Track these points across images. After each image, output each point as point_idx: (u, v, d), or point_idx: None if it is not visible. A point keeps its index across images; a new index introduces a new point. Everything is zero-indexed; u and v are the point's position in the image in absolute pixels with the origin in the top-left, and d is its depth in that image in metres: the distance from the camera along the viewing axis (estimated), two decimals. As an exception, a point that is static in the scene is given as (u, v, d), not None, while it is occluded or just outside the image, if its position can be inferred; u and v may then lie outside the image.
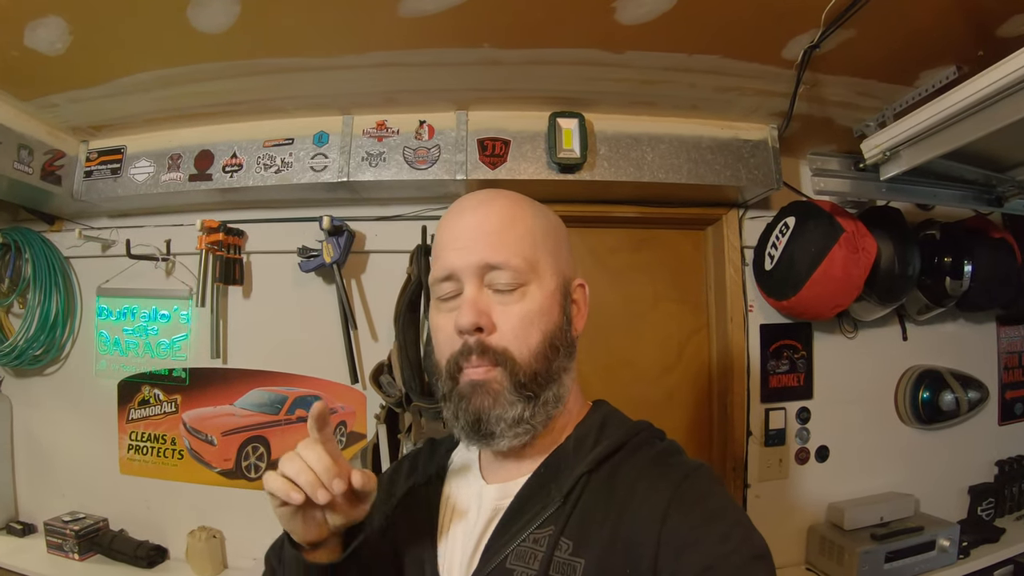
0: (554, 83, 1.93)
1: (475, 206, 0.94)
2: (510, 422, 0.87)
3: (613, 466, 0.88)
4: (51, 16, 1.57)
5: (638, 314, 2.44)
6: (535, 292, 0.90)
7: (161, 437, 2.45)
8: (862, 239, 2.01)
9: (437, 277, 0.93)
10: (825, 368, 2.38)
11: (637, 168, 2.07)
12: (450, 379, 0.90)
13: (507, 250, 0.89)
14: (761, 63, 1.76)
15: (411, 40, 1.69)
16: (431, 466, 1.07)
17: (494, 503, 0.91)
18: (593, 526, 0.82)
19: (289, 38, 1.70)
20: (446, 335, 0.91)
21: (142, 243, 2.43)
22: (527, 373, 0.88)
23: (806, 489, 2.34)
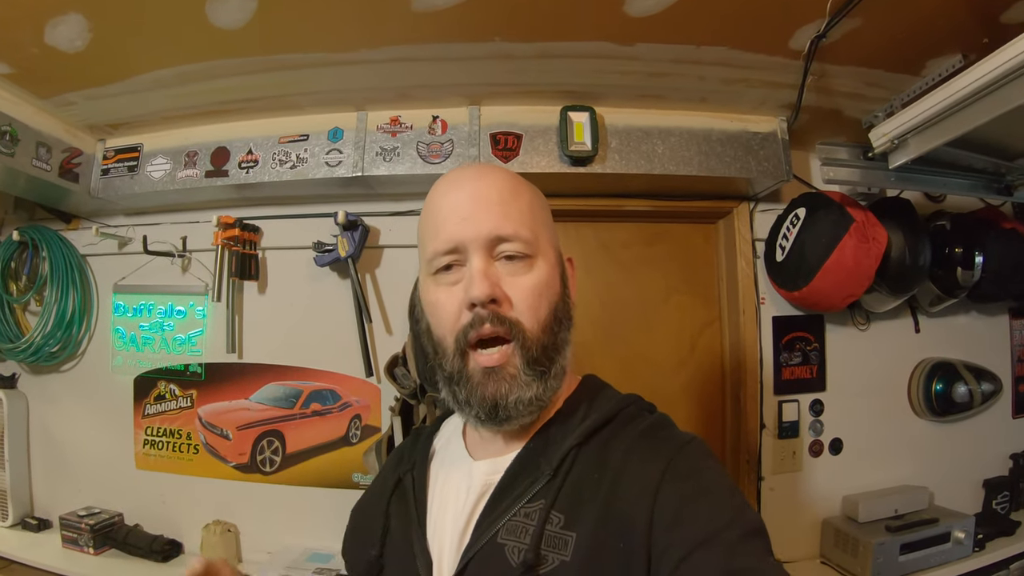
0: (565, 77, 1.98)
1: (474, 176, 0.94)
2: (527, 403, 0.88)
3: (603, 439, 0.89)
4: (72, 13, 1.62)
5: (651, 307, 2.47)
6: (541, 264, 0.91)
7: (177, 432, 2.49)
8: (872, 229, 2.03)
9: (438, 250, 0.90)
10: (838, 360, 2.40)
11: (648, 161, 2.11)
12: (459, 356, 0.90)
13: (515, 221, 0.90)
14: (768, 54, 1.80)
15: (424, 34, 1.74)
16: (415, 453, 1.08)
17: (484, 479, 0.92)
18: (584, 500, 0.82)
19: (304, 34, 1.74)
20: (449, 310, 0.90)
21: (158, 240, 2.48)
22: (538, 346, 0.88)
23: (820, 482, 2.35)
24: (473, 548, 0.86)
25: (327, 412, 2.37)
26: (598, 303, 2.45)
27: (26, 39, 1.72)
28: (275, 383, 2.40)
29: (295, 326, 2.42)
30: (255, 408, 2.41)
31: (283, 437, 2.39)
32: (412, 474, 1.02)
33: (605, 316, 2.45)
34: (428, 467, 1.04)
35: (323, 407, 2.37)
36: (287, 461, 2.38)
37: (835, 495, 2.34)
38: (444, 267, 0.91)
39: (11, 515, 2.58)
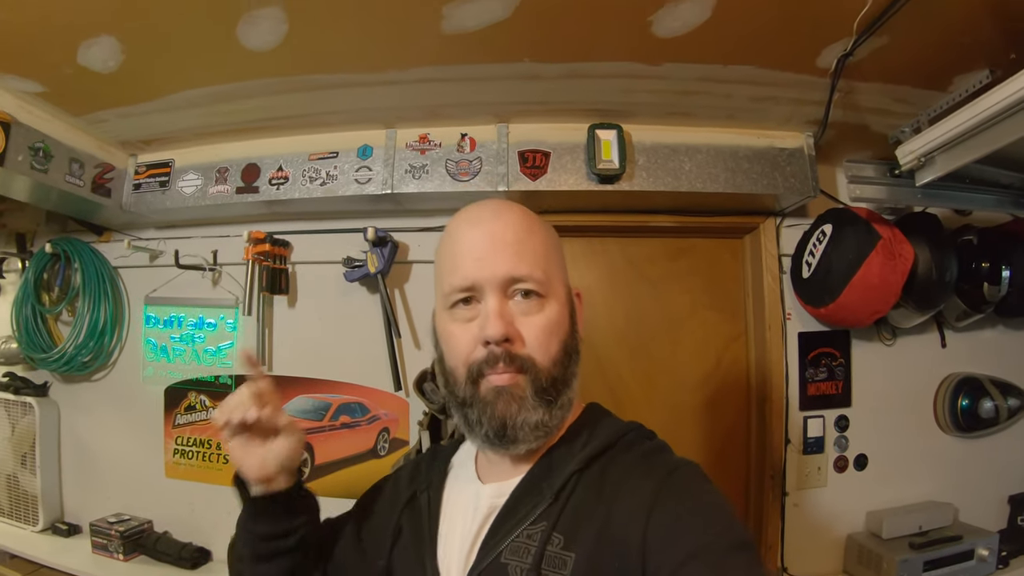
0: (592, 95, 2.01)
1: (491, 216, 0.98)
2: (532, 426, 0.92)
3: (603, 464, 0.93)
4: (104, 36, 1.68)
5: (677, 322, 2.49)
6: (552, 303, 0.96)
7: (206, 442, 2.55)
8: (899, 245, 2.04)
9: (455, 287, 0.95)
10: (864, 376, 2.40)
11: (675, 178, 2.14)
12: (471, 384, 0.94)
13: (528, 262, 0.94)
14: (795, 72, 1.82)
15: (453, 56, 1.78)
16: (432, 472, 1.12)
17: (490, 501, 0.97)
18: (583, 521, 0.86)
19: (334, 55, 1.80)
20: (464, 343, 0.95)
21: (189, 253, 2.54)
22: (548, 379, 0.93)
23: (844, 497, 2.36)
24: (478, 567, 0.90)
25: (356, 425, 2.41)
26: (624, 318, 2.48)
27: (59, 60, 1.77)
28: (304, 396, 2.44)
29: (324, 340, 2.46)
30: None
31: (312, 449, 2.43)
32: (428, 493, 1.07)
33: (631, 331, 2.48)
34: (443, 487, 1.08)
35: (352, 420, 2.41)
36: (315, 472, 2.42)
37: (859, 511, 2.35)
38: (460, 301, 0.96)
39: (42, 520, 2.65)
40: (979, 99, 1.53)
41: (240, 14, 1.59)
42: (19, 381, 2.75)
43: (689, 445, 2.42)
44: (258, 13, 1.59)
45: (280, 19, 1.61)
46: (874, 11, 1.50)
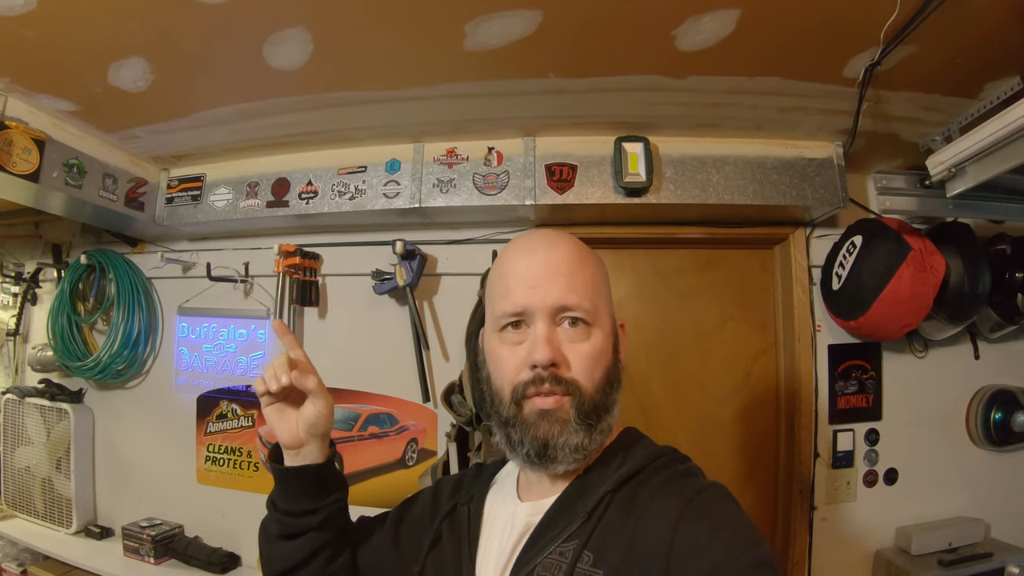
0: (618, 109, 2.03)
1: (546, 246, 1.02)
2: (573, 448, 0.95)
3: (634, 486, 0.95)
4: (133, 57, 1.73)
5: (706, 334, 2.49)
6: (598, 333, 0.99)
7: (238, 450, 2.61)
8: (930, 257, 2.02)
9: (507, 311, 0.99)
10: (895, 389, 2.38)
11: (703, 190, 2.14)
12: (515, 404, 0.98)
13: (579, 292, 0.98)
14: (823, 83, 1.82)
15: (478, 72, 1.81)
16: (475, 487, 1.15)
17: (526, 519, 1.00)
18: (612, 540, 0.89)
19: (359, 73, 1.83)
20: (511, 365, 0.98)
21: (221, 265, 2.61)
22: (590, 404, 0.96)
23: (874, 512, 2.34)
24: None
25: (384, 435, 2.44)
26: (653, 330, 2.49)
27: (90, 80, 1.84)
28: (335, 406, 2.44)
29: (354, 351, 2.50)
30: None
31: (341, 459, 2.45)
32: (469, 507, 1.10)
33: (660, 343, 2.48)
34: (484, 502, 1.11)
35: (380, 430, 2.45)
36: None
37: (888, 526, 2.32)
38: (510, 324, 1.00)
39: (75, 523, 2.74)
40: (1011, 108, 1.52)
41: (266, 36, 1.63)
42: (55, 388, 2.84)
43: (718, 458, 2.43)
44: (283, 34, 1.63)
45: (305, 40, 1.65)
46: (901, 20, 1.48)
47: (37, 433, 2.83)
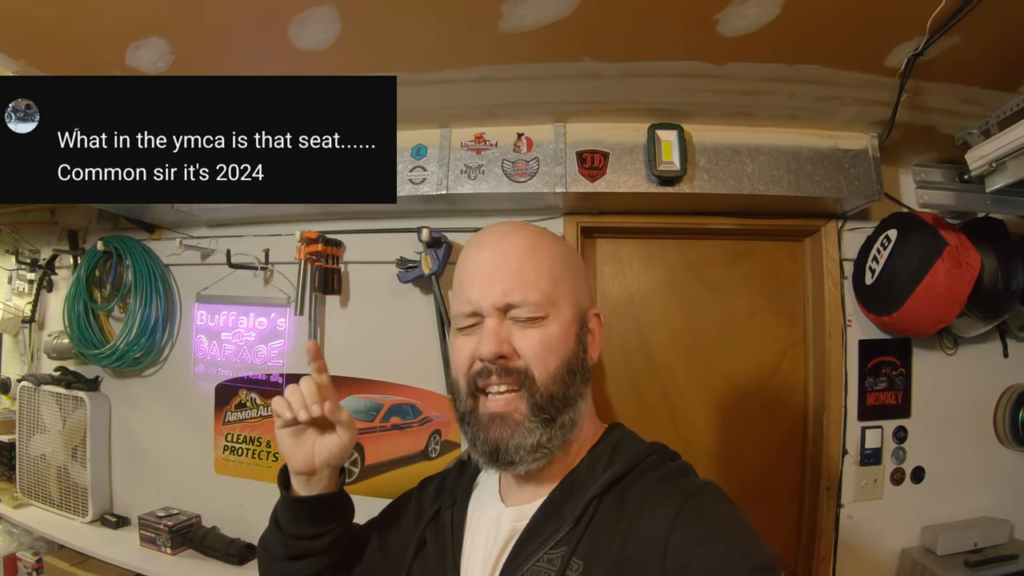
0: (653, 95, 1.98)
1: (494, 242, 1.02)
2: (529, 449, 0.94)
3: (623, 488, 0.94)
4: (153, 37, 1.67)
5: (734, 327, 2.46)
6: (552, 322, 0.97)
7: (256, 440, 2.58)
8: (965, 253, 1.99)
9: (461, 312, 0.99)
10: (924, 386, 2.35)
11: (737, 180, 2.10)
12: (471, 397, 0.98)
13: (525, 287, 0.96)
14: (863, 72, 1.78)
15: (511, 55, 1.75)
16: (458, 489, 1.13)
17: (511, 525, 0.98)
18: (602, 546, 0.87)
19: (391, 54, 1.76)
20: (465, 356, 0.98)
21: (241, 252, 2.57)
22: (544, 395, 0.94)
23: (900, 511, 2.31)
24: None
25: (407, 426, 2.41)
26: (681, 321, 2.46)
27: (108, 61, 1.77)
28: (356, 396, 2.45)
29: (377, 340, 2.46)
30: None
31: (362, 449, 2.44)
32: (452, 510, 1.09)
33: (688, 335, 2.45)
34: (467, 504, 1.09)
35: (403, 421, 2.41)
36: (365, 472, 2.43)
37: (915, 525, 2.30)
38: (469, 324, 0.99)
39: (91, 511, 2.72)
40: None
41: (293, 14, 1.59)
42: (71, 375, 2.82)
43: (744, 452, 2.40)
44: (310, 13, 1.58)
45: (333, 19, 1.60)
46: (949, 8, 1.44)
47: (53, 421, 2.80)
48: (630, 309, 2.48)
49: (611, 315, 2.47)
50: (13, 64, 1.80)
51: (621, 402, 2.42)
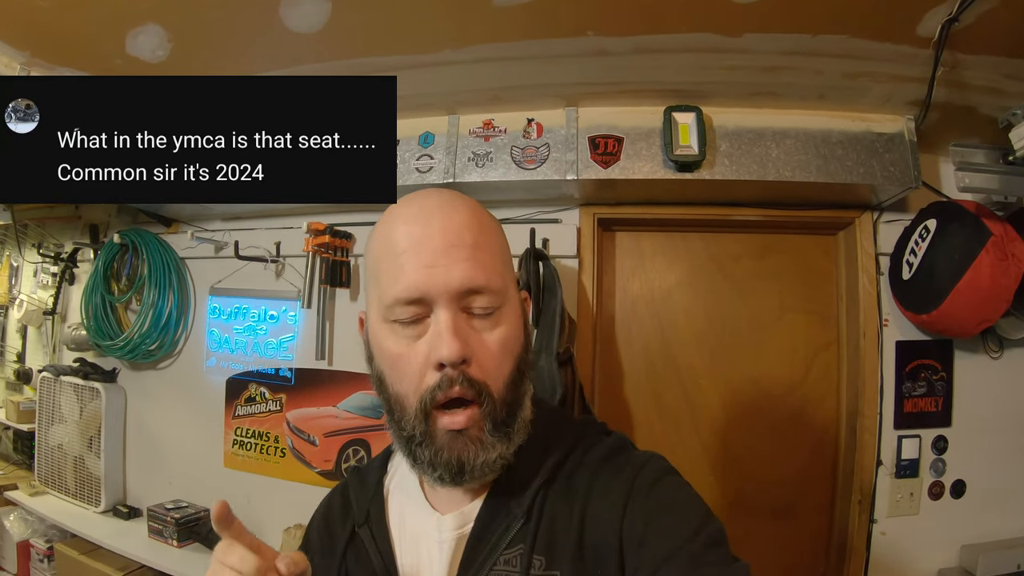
0: (667, 74, 1.84)
1: (443, 212, 0.83)
2: (491, 463, 0.81)
3: (568, 472, 0.87)
4: (150, 24, 1.64)
5: (762, 326, 2.28)
6: (508, 314, 0.84)
7: (265, 434, 2.52)
8: (1012, 244, 1.79)
9: (400, 299, 0.79)
10: (966, 392, 2.13)
11: (761, 166, 1.94)
12: (423, 419, 0.80)
13: (487, 268, 0.81)
14: (894, 43, 1.59)
15: (509, 32, 1.65)
16: (364, 501, 0.98)
17: (455, 533, 0.86)
18: (559, 536, 0.81)
19: (382, 35, 1.69)
20: (415, 366, 0.80)
21: (252, 245, 2.52)
22: (503, 407, 0.82)
23: (938, 528, 2.10)
24: None
25: None
26: (704, 320, 2.29)
27: (109, 50, 1.74)
28: (364, 392, 2.37)
29: None
30: (343, 416, 2.39)
31: (369, 447, 2.35)
32: (370, 528, 0.93)
33: (712, 335, 2.28)
34: (386, 521, 0.94)
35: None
36: None
37: (953, 544, 2.09)
38: (410, 316, 0.80)
39: (103, 502, 2.72)
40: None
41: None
42: (88, 367, 2.82)
43: (770, 461, 2.21)
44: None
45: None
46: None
47: (71, 411, 2.81)
48: (651, 306, 2.32)
49: (631, 312, 2.33)
50: (20, 55, 1.81)
51: (640, 404, 2.26)
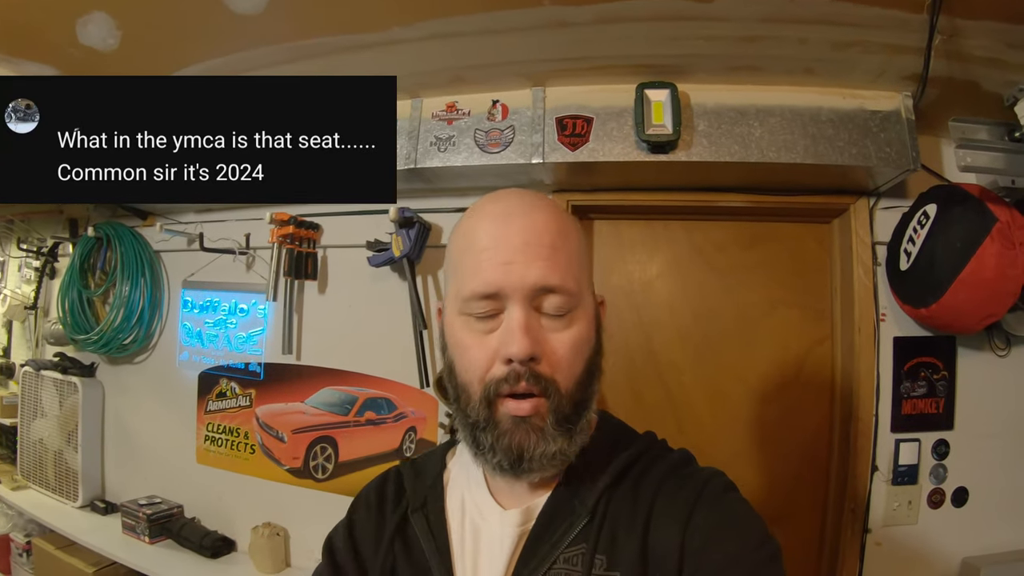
0: (637, 47, 1.67)
1: (523, 211, 0.83)
2: (550, 457, 0.80)
3: (633, 478, 0.86)
4: (96, 12, 1.58)
5: (750, 322, 2.10)
6: (581, 317, 0.83)
7: (235, 430, 2.44)
8: (1019, 231, 1.60)
9: (476, 293, 0.80)
10: (970, 393, 1.94)
11: (743, 146, 1.76)
12: (486, 406, 0.81)
13: (563, 269, 0.80)
14: (883, 6, 1.41)
15: (456, 4, 1.52)
16: (422, 489, 0.94)
17: (517, 528, 0.84)
18: (621, 538, 0.80)
19: (328, 13, 1.59)
20: (483, 358, 0.80)
21: (224, 237, 2.43)
22: (569, 404, 0.81)
23: (937, 539, 1.92)
24: None
25: (381, 422, 2.21)
26: (689, 315, 2.12)
27: (62, 40, 1.68)
28: (331, 388, 2.28)
29: (353, 329, 2.27)
30: (310, 412, 2.29)
31: (336, 444, 2.26)
32: (426, 515, 0.91)
33: (697, 330, 2.11)
34: (444, 510, 0.92)
35: (378, 416, 2.21)
36: (339, 469, 2.25)
37: (954, 556, 1.90)
38: (484, 311, 0.81)
39: (81, 497, 2.67)
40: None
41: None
42: (68, 361, 2.78)
43: (759, 465, 2.05)
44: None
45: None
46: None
47: (51, 406, 2.76)
48: (630, 299, 2.15)
49: (610, 305, 2.12)
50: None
51: (618, 404, 2.08)
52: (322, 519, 2.18)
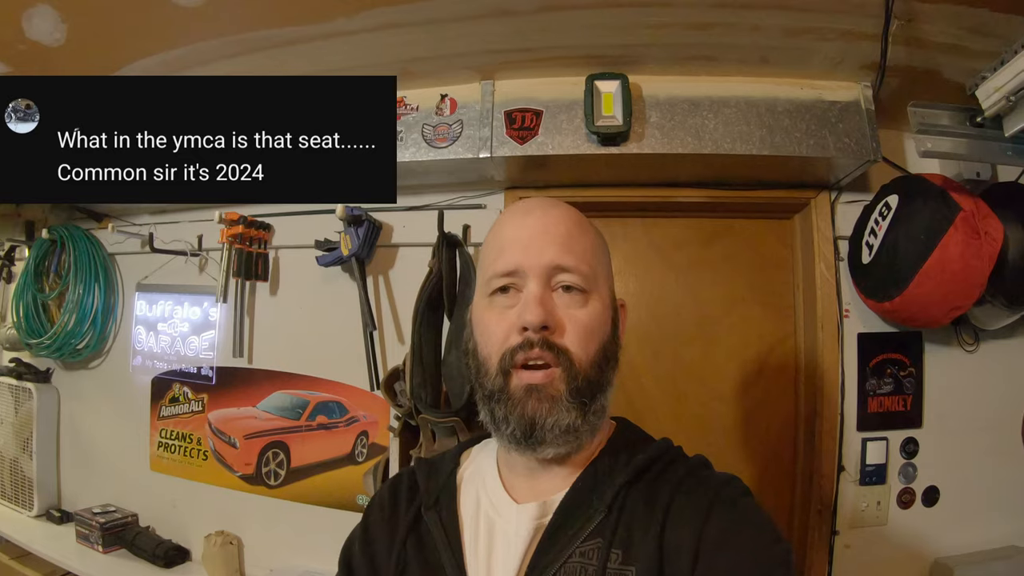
0: (585, 37, 1.59)
1: (543, 209, 0.92)
2: (563, 429, 0.83)
3: (651, 478, 0.87)
4: (40, 5, 1.53)
5: (711, 320, 2.01)
6: (595, 302, 0.88)
7: (188, 436, 2.34)
8: (984, 221, 1.52)
9: (497, 271, 0.87)
10: (939, 389, 1.87)
11: (696, 138, 1.67)
12: (502, 375, 0.85)
13: (576, 254, 0.87)
14: (837, -11, 1.34)
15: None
16: (435, 487, 0.96)
17: (533, 522, 0.85)
18: (638, 535, 0.81)
19: (267, 6, 1.55)
20: (499, 331, 0.86)
21: (176, 239, 2.32)
22: (584, 379, 0.84)
23: (908, 539, 1.85)
24: None
25: (333, 426, 2.10)
26: (647, 313, 2.02)
27: (9, 36, 1.62)
28: (282, 392, 2.17)
29: (304, 331, 2.17)
30: (262, 417, 2.18)
31: (288, 450, 2.15)
32: (439, 513, 0.91)
33: (655, 329, 2.01)
34: (457, 507, 0.92)
35: (329, 420, 2.11)
36: (292, 475, 2.15)
37: (926, 557, 1.83)
38: (500, 288, 0.88)
39: (36, 506, 2.56)
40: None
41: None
42: (23, 367, 2.66)
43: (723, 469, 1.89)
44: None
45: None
46: None
47: (7, 413, 2.64)
48: (587, 299, 2.03)
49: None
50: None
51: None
52: (275, 526, 2.10)
